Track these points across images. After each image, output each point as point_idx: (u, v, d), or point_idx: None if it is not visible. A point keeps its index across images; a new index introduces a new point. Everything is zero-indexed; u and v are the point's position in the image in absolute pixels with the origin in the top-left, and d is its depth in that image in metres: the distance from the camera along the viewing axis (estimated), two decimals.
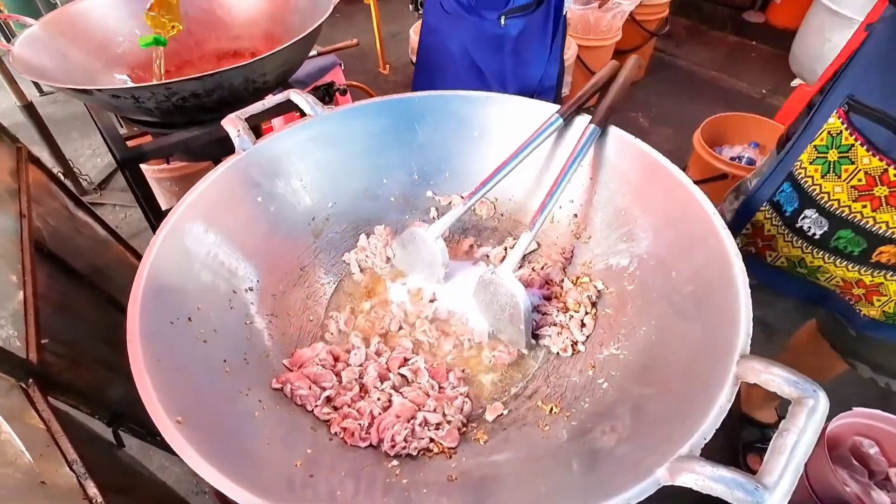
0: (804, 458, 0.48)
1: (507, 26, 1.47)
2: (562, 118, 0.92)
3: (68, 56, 1.31)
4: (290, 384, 0.77)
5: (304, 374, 0.79)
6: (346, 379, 0.81)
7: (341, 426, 0.73)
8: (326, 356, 0.83)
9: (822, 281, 0.96)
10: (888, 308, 0.89)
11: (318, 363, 0.81)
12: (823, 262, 0.92)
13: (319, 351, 0.84)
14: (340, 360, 0.85)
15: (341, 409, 0.77)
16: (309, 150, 0.97)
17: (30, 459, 0.70)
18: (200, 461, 0.51)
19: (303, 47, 1.26)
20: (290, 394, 0.77)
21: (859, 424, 1.33)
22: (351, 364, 0.84)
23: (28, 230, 0.98)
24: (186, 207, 0.79)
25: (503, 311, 0.86)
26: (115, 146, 1.20)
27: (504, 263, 0.85)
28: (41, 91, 3.27)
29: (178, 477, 1.50)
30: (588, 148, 0.87)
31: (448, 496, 0.63)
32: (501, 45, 1.50)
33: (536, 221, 0.84)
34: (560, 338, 0.85)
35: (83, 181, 2.51)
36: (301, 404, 0.77)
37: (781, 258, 0.98)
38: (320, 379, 0.79)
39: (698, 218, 0.76)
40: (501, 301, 0.85)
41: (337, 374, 0.82)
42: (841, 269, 0.91)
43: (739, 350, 0.58)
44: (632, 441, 0.62)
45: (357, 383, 0.81)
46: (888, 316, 0.91)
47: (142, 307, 0.65)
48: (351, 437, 0.72)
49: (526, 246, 0.85)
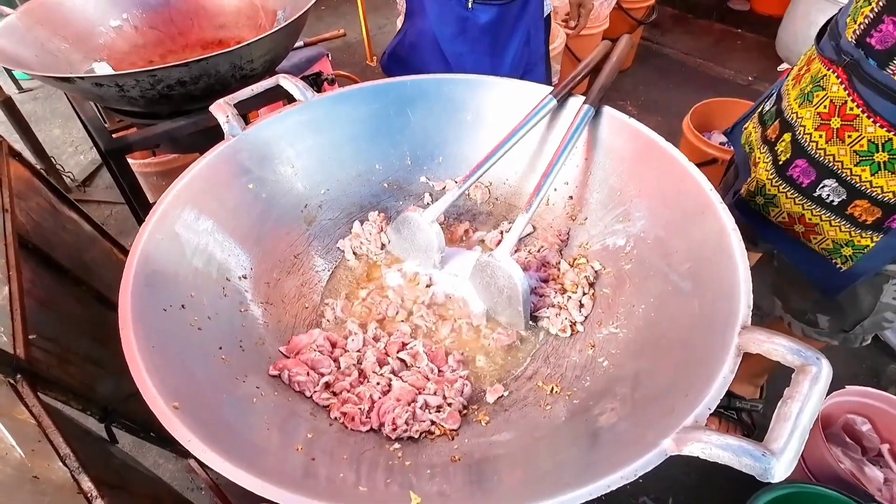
0: (809, 423, 0.48)
1: (475, 11, 1.41)
2: (555, 99, 0.92)
3: (47, 46, 1.28)
4: (288, 370, 0.76)
5: (301, 360, 0.78)
6: (344, 364, 0.80)
7: (341, 411, 0.72)
8: (324, 342, 0.82)
9: (771, 214, 0.96)
10: (826, 245, 0.90)
11: (316, 349, 0.80)
12: (778, 191, 0.92)
13: (316, 337, 0.83)
14: (338, 346, 0.84)
15: (340, 394, 0.76)
16: (300, 135, 0.96)
17: (21, 454, 0.69)
18: (200, 446, 0.50)
19: (289, 34, 1.24)
20: (287, 380, 0.76)
21: (852, 402, 1.35)
22: (349, 350, 0.83)
23: (11, 225, 0.96)
24: (176, 193, 0.77)
25: (501, 293, 0.85)
26: (99, 137, 1.17)
27: (501, 246, 0.84)
28: (20, 88, 3.20)
29: (173, 474, 1.48)
30: (583, 128, 0.87)
31: (452, 476, 0.62)
32: (465, 28, 1.45)
33: (532, 203, 0.83)
34: (559, 319, 0.85)
35: (66, 178, 2.45)
36: (300, 391, 0.75)
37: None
38: (318, 365, 0.78)
39: (694, 193, 0.76)
40: (499, 283, 0.84)
41: (335, 359, 0.81)
42: (789, 203, 0.91)
43: (741, 321, 0.58)
44: (634, 416, 0.62)
45: (356, 369, 0.80)
46: (829, 252, 0.91)
47: (133, 293, 0.63)
48: (351, 422, 0.71)
49: (522, 228, 0.84)
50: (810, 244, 0.92)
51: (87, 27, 1.37)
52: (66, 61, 1.30)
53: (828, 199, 0.85)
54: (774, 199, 0.93)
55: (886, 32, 0.71)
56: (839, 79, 0.78)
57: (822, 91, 0.81)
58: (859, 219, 0.83)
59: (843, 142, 0.80)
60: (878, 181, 0.78)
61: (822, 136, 0.82)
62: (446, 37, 1.47)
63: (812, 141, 0.84)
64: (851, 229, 0.85)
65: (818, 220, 0.88)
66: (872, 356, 1.74)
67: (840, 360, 1.73)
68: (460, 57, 1.49)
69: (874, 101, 0.74)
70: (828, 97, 0.80)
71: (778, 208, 0.93)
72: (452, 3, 1.41)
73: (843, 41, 0.77)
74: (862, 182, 0.80)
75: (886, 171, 0.77)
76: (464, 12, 1.41)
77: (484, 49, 1.48)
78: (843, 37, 0.78)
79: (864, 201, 0.81)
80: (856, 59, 0.75)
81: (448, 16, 1.44)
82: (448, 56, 1.50)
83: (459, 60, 1.50)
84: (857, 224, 0.84)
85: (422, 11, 1.49)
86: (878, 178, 0.78)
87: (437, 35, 1.48)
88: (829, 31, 0.83)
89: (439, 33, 1.47)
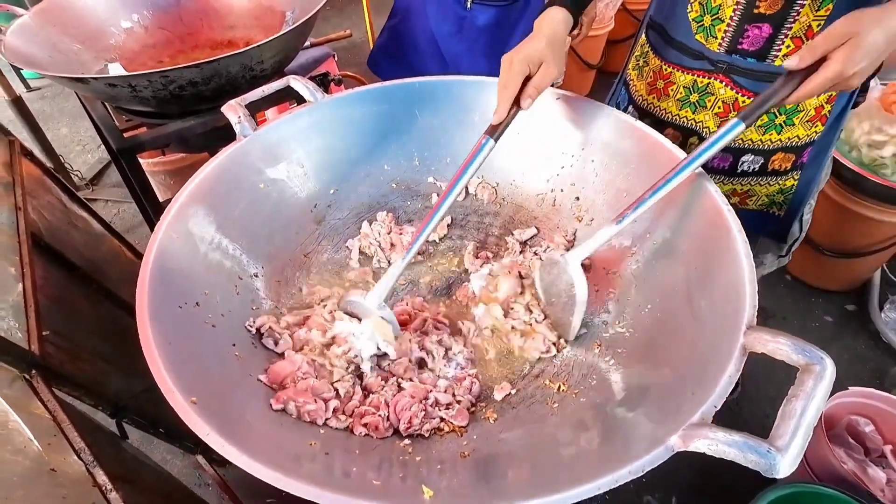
0: (813, 421, 0.49)
1: (473, 11, 1.40)
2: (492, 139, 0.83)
3: (59, 47, 1.29)
4: (294, 401, 0.69)
5: (300, 389, 0.72)
6: (343, 391, 0.75)
7: (362, 423, 0.70)
8: (308, 368, 0.76)
9: None
10: (762, 202, 1.04)
11: (303, 376, 0.74)
12: None
13: (299, 363, 0.76)
14: (321, 374, 0.77)
15: (352, 413, 0.73)
16: (310, 136, 0.97)
17: (38, 448, 0.70)
18: (219, 439, 0.51)
19: (299, 35, 1.25)
20: (295, 412, 0.70)
21: (855, 403, 1.36)
22: (341, 378, 0.78)
23: (24, 222, 0.97)
24: (190, 193, 0.79)
25: (560, 296, 0.84)
26: (111, 137, 1.18)
27: (575, 251, 0.81)
28: (28, 87, 3.22)
29: (181, 470, 1.50)
30: None
31: (461, 471, 0.63)
32: (462, 27, 1.44)
33: (626, 216, 0.76)
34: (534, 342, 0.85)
35: (74, 177, 2.47)
36: (311, 420, 0.70)
37: None
38: (319, 391, 0.73)
39: (700, 195, 0.77)
40: (559, 287, 0.84)
41: (331, 384, 0.76)
42: (719, 185, 0.95)
43: (746, 321, 0.60)
44: (641, 414, 0.63)
45: (358, 387, 0.77)
46: (766, 206, 1.05)
47: (150, 291, 0.65)
48: (377, 431, 0.70)
49: (607, 239, 0.78)
50: (748, 207, 1.05)
51: (98, 27, 1.38)
52: (77, 61, 1.31)
53: (750, 169, 0.99)
54: None
55: (754, 36, 0.85)
56: (723, 83, 0.92)
57: (712, 96, 0.95)
58: (780, 169, 0.98)
59: None
60: (786, 135, 0.93)
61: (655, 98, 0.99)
62: (444, 35, 1.47)
63: (650, 104, 1.01)
64: (777, 179, 1.00)
65: (749, 186, 1.02)
66: (876, 358, 1.75)
67: (844, 362, 1.74)
68: (457, 56, 1.49)
69: (758, 87, 0.89)
70: (718, 100, 0.94)
71: None
72: (451, 1, 1.41)
73: (711, 53, 0.91)
74: (773, 143, 0.95)
75: (787, 126, 0.92)
76: (462, 12, 1.41)
77: (481, 50, 1.48)
78: (706, 52, 0.91)
79: (779, 154, 0.96)
80: (731, 63, 0.89)
81: (446, 14, 1.44)
82: (446, 55, 1.51)
83: (456, 60, 1.50)
84: (780, 173, 0.99)
85: (421, 9, 1.49)
86: (784, 133, 0.93)
87: (435, 33, 1.48)
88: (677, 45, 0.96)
89: (437, 32, 1.48)
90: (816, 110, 0.90)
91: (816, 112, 0.91)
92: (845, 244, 1.75)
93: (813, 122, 0.92)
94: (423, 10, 1.48)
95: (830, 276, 1.92)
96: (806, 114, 0.91)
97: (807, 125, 0.92)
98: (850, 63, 0.64)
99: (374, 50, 1.67)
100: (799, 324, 1.85)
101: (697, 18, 0.90)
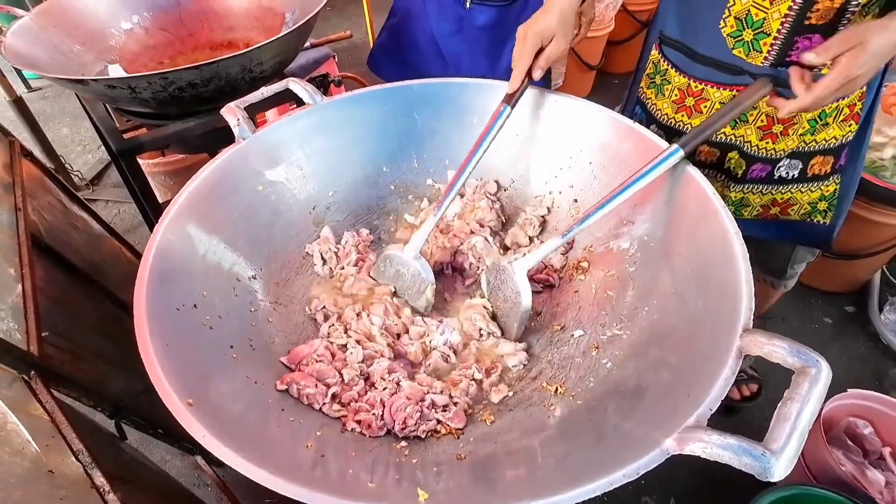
0: (808, 424, 0.49)
1: (473, 11, 1.40)
2: (509, 107, 0.88)
3: (60, 48, 1.30)
4: (296, 384, 0.74)
5: (307, 372, 0.77)
6: (347, 377, 0.78)
7: (356, 420, 0.72)
8: (324, 352, 0.80)
9: (745, 215, 1.07)
10: (804, 210, 1.04)
11: (318, 359, 0.78)
12: (743, 193, 1.04)
13: (317, 346, 0.81)
14: (337, 358, 0.82)
15: (349, 404, 0.75)
16: (309, 138, 0.97)
17: (36, 449, 0.70)
18: (214, 441, 0.52)
19: (299, 36, 1.26)
20: (296, 394, 0.74)
21: (853, 406, 1.36)
22: (349, 363, 0.81)
23: (24, 223, 0.98)
24: (188, 195, 0.79)
25: (506, 301, 0.87)
26: (110, 138, 1.18)
27: (522, 260, 0.84)
28: (29, 87, 3.23)
29: (180, 470, 1.50)
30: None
31: (458, 473, 0.63)
32: (462, 27, 1.44)
33: (572, 229, 0.82)
34: None
35: (75, 177, 2.48)
36: (308, 403, 0.74)
37: None
38: (324, 375, 0.77)
39: (697, 197, 0.77)
40: (506, 292, 0.86)
41: (338, 370, 0.79)
42: (757, 196, 1.03)
43: (742, 324, 0.60)
44: (637, 416, 0.63)
45: (361, 378, 0.79)
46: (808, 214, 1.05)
47: (148, 292, 0.65)
48: (368, 429, 0.71)
49: (551, 250, 0.84)
50: (790, 217, 1.05)
51: (98, 29, 1.39)
52: (78, 62, 1.32)
53: (789, 176, 0.99)
54: (743, 200, 1.05)
55: (804, 48, 0.84)
56: None
57: (755, 110, 0.95)
58: (820, 173, 0.99)
59: (787, 136, 0.95)
60: (822, 135, 0.94)
61: (768, 141, 0.97)
62: (444, 35, 1.47)
63: (761, 148, 0.98)
64: (818, 185, 1.00)
65: (790, 194, 1.02)
66: (876, 360, 1.75)
67: (843, 364, 1.74)
68: (457, 56, 1.49)
69: None
70: (762, 113, 0.95)
71: (750, 206, 1.05)
72: (450, 1, 1.41)
73: (752, 67, 0.90)
74: (808, 145, 0.95)
75: (821, 126, 0.93)
76: (461, 11, 1.42)
77: (481, 50, 1.48)
78: (747, 66, 0.90)
79: (818, 157, 0.97)
80: (777, 76, 0.86)
81: (446, 14, 1.44)
82: (445, 54, 1.51)
83: (456, 60, 1.50)
84: (821, 178, 0.99)
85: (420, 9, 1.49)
86: (819, 133, 0.94)
87: (434, 33, 1.48)
88: (705, 60, 0.95)
89: (437, 31, 1.48)
90: (850, 108, 0.92)
91: (850, 110, 0.92)
92: (845, 246, 1.75)
93: (847, 121, 0.93)
94: (423, 9, 1.48)
95: (830, 277, 1.92)
96: (840, 112, 0.92)
97: (842, 125, 0.93)
98: (856, 65, 0.70)
99: (374, 49, 1.67)
100: (798, 325, 1.85)
101: (734, 34, 0.89)
